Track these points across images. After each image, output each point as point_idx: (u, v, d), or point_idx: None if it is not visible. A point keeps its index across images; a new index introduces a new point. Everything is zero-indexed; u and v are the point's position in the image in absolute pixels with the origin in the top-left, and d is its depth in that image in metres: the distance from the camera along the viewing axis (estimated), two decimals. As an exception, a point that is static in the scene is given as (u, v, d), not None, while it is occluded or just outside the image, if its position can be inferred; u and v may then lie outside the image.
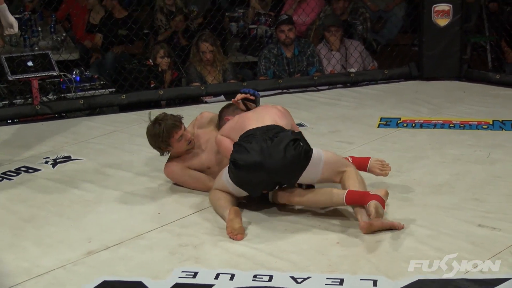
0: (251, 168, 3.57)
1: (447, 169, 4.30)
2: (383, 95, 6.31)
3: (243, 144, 3.67)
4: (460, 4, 6.60)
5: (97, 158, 4.76)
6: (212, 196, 3.83)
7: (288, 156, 3.54)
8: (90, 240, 3.48)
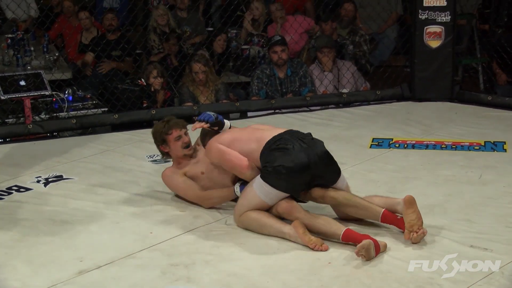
0: (302, 168, 3.64)
1: (439, 190, 4.31)
2: (375, 116, 6.33)
3: (281, 148, 3.70)
4: (451, 26, 6.64)
5: (89, 178, 4.75)
6: (247, 219, 3.76)
7: (329, 154, 3.73)
8: (82, 259, 3.47)
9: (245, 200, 3.80)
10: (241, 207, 3.80)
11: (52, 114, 6.14)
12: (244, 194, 3.82)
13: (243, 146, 3.88)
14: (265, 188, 3.71)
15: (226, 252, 3.53)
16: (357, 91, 7.09)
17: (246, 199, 3.79)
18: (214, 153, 3.97)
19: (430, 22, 6.64)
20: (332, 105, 6.80)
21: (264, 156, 3.76)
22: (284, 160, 3.66)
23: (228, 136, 3.99)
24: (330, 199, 3.76)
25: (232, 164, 3.88)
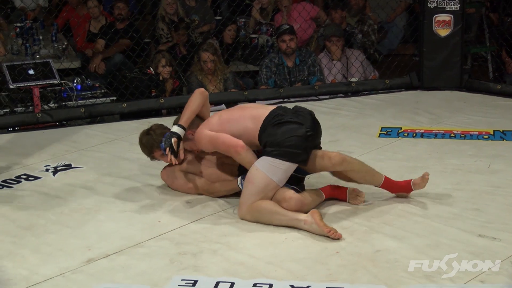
0: (311, 134, 3.76)
1: (448, 179, 4.30)
2: (384, 105, 6.31)
3: (284, 121, 3.75)
4: (461, 14, 6.61)
5: (98, 167, 4.76)
6: (257, 208, 3.70)
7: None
8: (90, 248, 3.48)
9: (252, 186, 3.72)
10: (248, 195, 3.73)
11: (61, 103, 6.15)
12: (250, 179, 3.74)
13: (235, 125, 3.85)
14: (273, 166, 3.68)
15: (234, 241, 3.53)
16: (365, 80, 7.08)
17: (253, 183, 3.71)
18: (205, 141, 3.92)
19: (439, 10, 6.61)
20: (341, 94, 6.78)
21: (267, 133, 3.75)
22: (293, 131, 3.71)
23: (215, 119, 3.95)
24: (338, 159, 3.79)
25: (226, 146, 3.82)
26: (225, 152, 3.88)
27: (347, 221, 3.69)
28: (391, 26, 8.62)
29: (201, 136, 3.93)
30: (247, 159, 3.81)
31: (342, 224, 3.66)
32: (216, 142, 3.87)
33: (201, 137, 3.93)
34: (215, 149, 3.92)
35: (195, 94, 4.04)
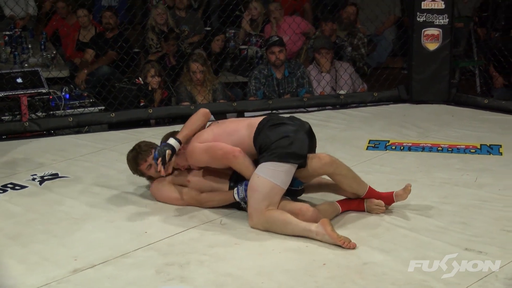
0: (306, 133, 3.86)
1: (435, 192, 4.31)
2: (372, 118, 6.33)
3: (278, 123, 3.82)
4: (449, 29, 6.64)
5: (85, 176, 4.74)
6: (270, 218, 3.69)
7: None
8: (76, 258, 3.46)
9: (257, 193, 3.70)
10: (256, 203, 3.71)
11: (49, 112, 6.14)
12: (253, 188, 3.72)
13: (230, 137, 3.86)
14: (272, 170, 3.68)
15: (221, 252, 3.52)
16: (354, 92, 7.10)
17: (257, 191, 3.70)
18: (198, 154, 3.90)
19: (428, 24, 6.64)
20: (329, 106, 6.80)
21: (262, 136, 3.78)
22: (288, 131, 3.77)
23: (208, 133, 3.95)
24: (328, 160, 3.81)
25: (224, 152, 3.82)
26: (222, 160, 3.86)
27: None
28: (380, 39, 8.66)
29: (195, 149, 3.92)
30: (245, 163, 3.82)
31: (330, 236, 3.66)
32: (213, 150, 3.86)
33: (195, 150, 3.92)
34: (211, 158, 3.90)
35: (198, 114, 4.03)
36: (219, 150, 3.84)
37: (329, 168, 3.82)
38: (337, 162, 3.84)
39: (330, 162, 3.80)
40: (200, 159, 3.94)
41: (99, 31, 7.76)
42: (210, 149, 3.87)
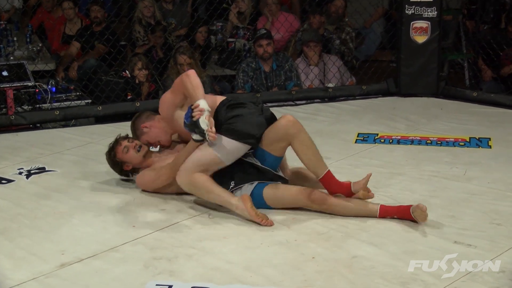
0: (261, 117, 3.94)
1: (424, 186, 4.33)
2: (360, 111, 6.35)
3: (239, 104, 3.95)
4: (438, 21, 6.66)
5: (72, 170, 4.73)
6: (196, 181, 3.83)
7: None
8: (63, 252, 3.46)
9: (197, 157, 3.83)
10: (191, 164, 3.84)
11: (35, 105, 6.11)
12: (196, 152, 3.85)
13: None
14: (219, 143, 3.78)
15: (209, 246, 3.52)
16: (342, 85, 7.11)
17: (198, 157, 3.83)
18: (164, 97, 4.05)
19: (417, 17, 6.66)
20: (318, 99, 6.81)
21: (222, 112, 3.89)
22: (243, 112, 3.89)
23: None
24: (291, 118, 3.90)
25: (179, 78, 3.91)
26: (179, 86, 3.92)
27: (322, 227, 3.70)
28: (369, 32, 8.66)
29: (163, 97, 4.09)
30: (195, 82, 3.85)
31: (318, 230, 3.67)
32: (174, 85, 3.96)
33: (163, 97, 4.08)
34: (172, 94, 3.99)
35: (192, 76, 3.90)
36: (177, 80, 3.95)
37: (291, 128, 3.83)
38: (301, 127, 3.86)
39: (293, 121, 3.86)
40: (165, 99, 4.06)
41: (85, 24, 7.72)
42: (174, 87, 3.99)
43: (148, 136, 4.22)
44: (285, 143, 3.88)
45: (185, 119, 3.80)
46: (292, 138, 3.84)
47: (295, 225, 3.73)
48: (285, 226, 3.73)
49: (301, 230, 3.68)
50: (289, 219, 3.80)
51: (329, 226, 3.70)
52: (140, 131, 4.23)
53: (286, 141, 3.86)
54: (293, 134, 3.83)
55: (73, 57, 7.40)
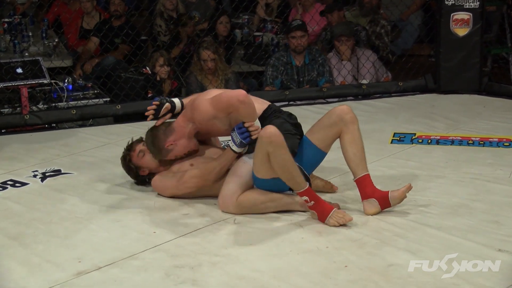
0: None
1: (465, 189, 4.30)
2: (396, 109, 6.32)
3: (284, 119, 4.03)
4: (480, 12, 6.61)
5: (89, 172, 4.76)
6: (246, 199, 3.86)
7: None
8: (80, 260, 3.47)
9: (239, 179, 3.85)
10: (233, 188, 3.86)
11: (51, 104, 6.16)
12: (236, 173, 3.86)
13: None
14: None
15: (235, 253, 3.52)
16: (377, 82, 7.09)
17: (240, 176, 3.85)
18: (204, 105, 3.94)
19: (457, 8, 6.62)
20: (351, 97, 6.79)
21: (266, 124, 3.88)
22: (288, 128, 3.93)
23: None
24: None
25: (227, 97, 3.88)
26: (228, 107, 3.89)
27: (356, 233, 3.68)
28: (405, 24, 8.62)
29: (201, 101, 3.98)
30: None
31: (351, 236, 3.65)
32: (217, 98, 3.91)
33: (201, 102, 3.97)
34: (216, 110, 3.93)
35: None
36: (224, 97, 3.90)
37: (347, 115, 3.98)
38: (356, 119, 4.01)
39: (350, 109, 4.00)
40: (205, 110, 3.96)
41: (104, 18, 7.78)
42: (215, 99, 3.93)
43: (177, 151, 4.11)
44: (335, 130, 3.97)
45: (242, 138, 3.85)
46: (345, 125, 3.94)
47: (326, 231, 3.72)
48: (315, 232, 3.72)
49: (333, 236, 3.67)
50: (319, 225, 3.79)
51: (363, 232, 3.68)
52: (166, 151, 4.11)
53: (337, 129, 3.96)
54: (347, 121, 3.94)
55: (91, 53, 7.45)
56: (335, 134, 3.98)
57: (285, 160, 3.69)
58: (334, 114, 3.98)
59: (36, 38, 7.56)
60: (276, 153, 3.67)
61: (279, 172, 3.72)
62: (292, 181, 3.74)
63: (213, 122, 3.98)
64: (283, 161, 3.69)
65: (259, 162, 3.75)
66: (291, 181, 3.74)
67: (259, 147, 3.72)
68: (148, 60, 6.84)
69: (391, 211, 3.94)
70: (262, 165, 3.75)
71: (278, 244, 3.61)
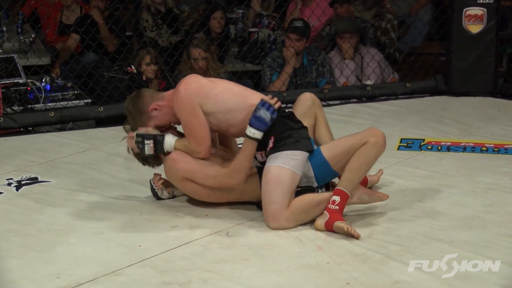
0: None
1: (479, 200, 4.31)
2: (404, 112, 6.34)
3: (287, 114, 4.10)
4: (495, 8, 6.64)
5: (69, 181, 4.77)
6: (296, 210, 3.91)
7: None
8: (59, 275, 3.47)
9: (282, 186, 3.89)
10: (281, 199, 3.88)
11: (27, 105, 6.16)
12: (276, 181, 3.88)
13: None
14: (294, 159, 3.92)
15: (228, 269, 3.53)
16: (383, 83, 7.11)
17: (282, 183, 3.88)
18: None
19: (471, 3, 6.65)
20: (354, 99, 6.81)
21: (278, 124, 3.97)
22: (299, 123, 4.07)
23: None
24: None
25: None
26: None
27: (359, 247, 3.69)
28: (414, 20, 8.66)
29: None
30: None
31: (354, 251, 3.66)
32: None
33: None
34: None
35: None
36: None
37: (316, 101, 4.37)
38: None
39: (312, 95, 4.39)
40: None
41: (85, 12, 7.78)
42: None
43: (159, 119, 4.09)
44: (313, 115, 4.27)
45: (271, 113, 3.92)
46: (317, 108, 4.30)
47: (327, 245, 3.73)
48: (315, 246, 3.73)
49: (334, 251, 3.68)
50: (320, 237, 3.81)
51: (366, 247, 3.69)
52: (147, 116, 4.08)
53: (313, 113, 4.27)
54: (318, 105, 4.34)
55: (71, 50, 7.45)
56: (313, 121, 4.26)
57: (370, 159, 3.98)
58: (306, 100, 4.31)
59: (11, 33, 7.56)
60: (372, 148, 3.97)
61: (353, 161, 3.92)
62: (352, 177, 3.92)
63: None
64: (370, 158, 3.98)
65: (345, 146, 3.97)
66: (352, 176, 3.92)
67: (362, 135, 4.01)
68: (133, 58, 6.84)
69: (397, 223, 3.96)
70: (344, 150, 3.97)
71: (275, 259, 3.62)
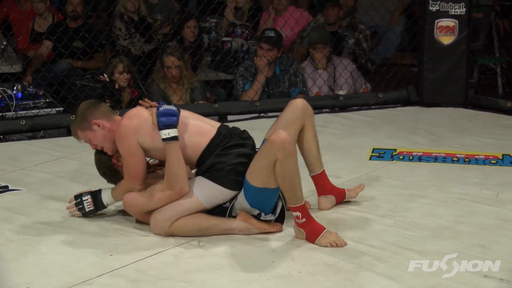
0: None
1: (450, 210, 4.33)
2: (376, 123, 6.35)
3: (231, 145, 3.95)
4: (467, 20, 6.68)
5: (40, 189, 4.74)
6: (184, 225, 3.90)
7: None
8: (29, 285, 3.45)
9: (179, 207, 3.89)
10: (171, 214, 3.89)
11: (-2, 113, 6.13)
12: (179, 201, 3.89)
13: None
14: (210, 192, 3.89)
15: (199, 278, 3.52)
16: (355, 93, 7.12)
17: (182, 205, 3.89)
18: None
19: (442, 14, 6.68)
20: (327, 109, 6.82)
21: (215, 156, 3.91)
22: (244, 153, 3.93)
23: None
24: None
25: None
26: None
27: (331, 257, 3.69)
28: (386, 31, 8.69)
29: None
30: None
31: (326, 260, 3.66)
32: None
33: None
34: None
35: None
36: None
37: (308, 109, 4.27)
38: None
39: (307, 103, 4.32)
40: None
41: (58, 20, 7.74)
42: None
43: (95, 137, 4.10)
44: (300, 124, 4.21)
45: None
46: (308, 118, 4.24)
47: (299, 255, 3.72)
48: (287, 255, 3.73)
49: (306, 260, 3.67)
50: (292, 247, 3.80)
51: (339, 256, 3.69)
52: (88, 125, 4.07)
53: (302, 122, 4.21)
54: (309, 115, 4.25)
55: (43, 58, 7.41)
56: (299, 128, 4.20)
57: (292, 170, 3.73)
58: (298, 108, 4.21)
59: (-19, 40, 7.51)
60: (285, 161, 3.69)
61: (281, 182, 3.75)
62: (291, 193, 3.77)
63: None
64: (291, 170, 3.72)
65: (261, 168, 3.78)
66: (291, 193, 3.78)
67: (266, 152, 3.75)
68: (106, 66, 6.81)
69: (370, 233, 3.96)
70: (263, 172, 3.79)
71: (247, 269, 3.61)
